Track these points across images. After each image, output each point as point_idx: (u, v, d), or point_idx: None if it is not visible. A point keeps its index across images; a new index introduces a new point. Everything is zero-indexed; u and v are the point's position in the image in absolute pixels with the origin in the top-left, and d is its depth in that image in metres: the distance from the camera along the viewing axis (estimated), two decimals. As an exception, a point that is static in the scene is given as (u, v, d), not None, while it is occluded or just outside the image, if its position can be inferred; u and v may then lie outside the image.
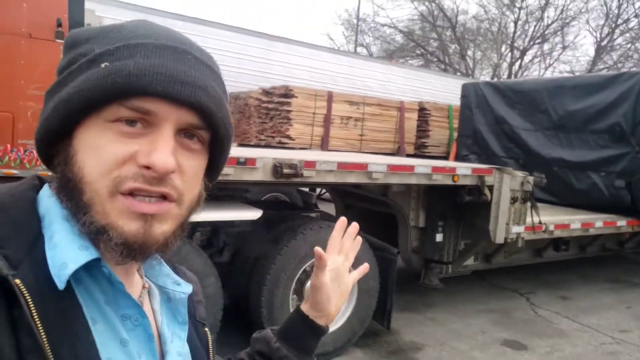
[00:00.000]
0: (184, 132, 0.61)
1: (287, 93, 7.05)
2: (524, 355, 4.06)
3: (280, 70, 9.73)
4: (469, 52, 23.44)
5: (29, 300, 0.52)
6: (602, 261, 7.22)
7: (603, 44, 20.79)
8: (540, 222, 4.78)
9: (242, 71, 9.58)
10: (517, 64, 21.87)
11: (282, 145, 7.05)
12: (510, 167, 6.81)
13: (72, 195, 0.58)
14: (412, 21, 23.57)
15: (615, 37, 20.83)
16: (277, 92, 7.23)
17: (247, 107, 7.86)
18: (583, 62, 22.39)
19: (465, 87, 7.58)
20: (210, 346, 0.79)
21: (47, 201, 0.61)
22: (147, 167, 0.57)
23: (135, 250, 0.59)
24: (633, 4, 19.15)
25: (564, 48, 21.83)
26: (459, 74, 21.27)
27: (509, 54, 22.14)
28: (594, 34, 20.89)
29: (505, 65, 22.47)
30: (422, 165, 3.93)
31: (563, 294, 5.82)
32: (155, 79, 0.56)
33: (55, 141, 0.62)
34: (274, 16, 38.05)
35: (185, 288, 0.73)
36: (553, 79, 6.85)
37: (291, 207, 5.69)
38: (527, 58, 22.51)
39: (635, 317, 5.17)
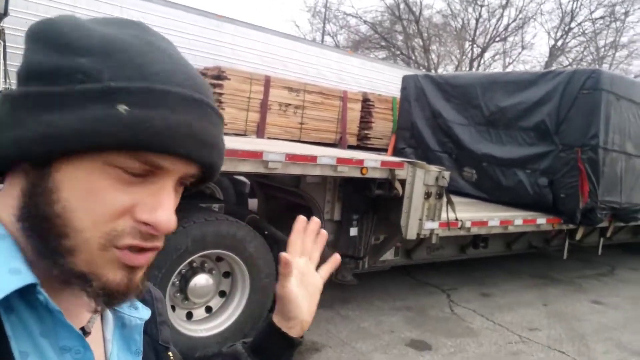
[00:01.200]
0: (180, 181, 0.57)
1: (219, 75, 6.80)
2: (425, 357, 3.97)
3: (228, 53, 9.40)
4: (433, 47, 23.52)
5: None
6: (530, 257, 7.27)
7: (558, 45, 21.13)
8: (456, 219, 4.71)
9: (188, 52, 9.24)
10: (478, 61, 22.03)
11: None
12: (444, 161, 6.80)
13: (47, 234, 0.50)
14: (378, 12, 23.47)
15: (568, 39, 21.22)
16: (209, 74, 6.96)
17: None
18: (541, 62, 22.76)
19: (405, 79, 7.47)
20: None
21: None
22: (147, 224, 0.52)
23: (116, 298, 0.54)
24: (589, 7, 19.47)
25: (523, 48, 22.13)
26: (422, 68, 21.32)
27: (471, 51, 22.28)
28: (549, 35, 21.24)
29: (467, 61, 22.64)
30: (326, 155, 3.77)
31: (485, 290, 5.81)
32: (181, 139, 0.52)
33: (20, 161, 0.52)
34: (240, 2, 37.26)
35: (142, 313, 0.67)
36: (487, 74, 6.82)
37: (198, 196, 5.44)
38: (489, 55, 22.75)
39: (548, 315, 5.18)
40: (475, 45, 22.15)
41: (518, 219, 5.27)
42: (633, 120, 5.90)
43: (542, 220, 5.50)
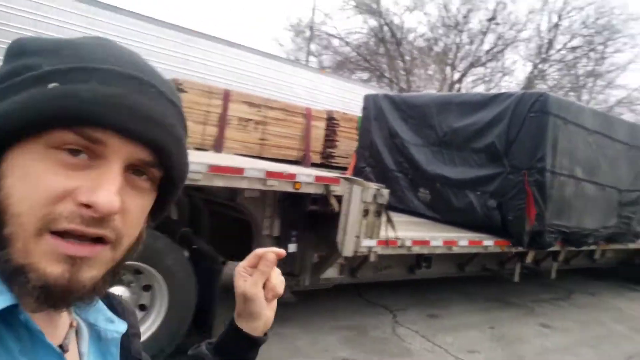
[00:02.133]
0: (133, 168, 0.55)
1: (176, 87, 6.75)
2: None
3: (199, 68, 9.44)
4: (416, 71, 23.78)
5: None
6: (488, 281, 7.24)
7: (534, 73, 21.49)
8: (396, 237, 4.67)
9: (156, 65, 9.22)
10: (459, 85, 22.30)
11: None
12: (401, 181, 6.80)
13: None
14: (361, 34, 23.74)
15: (545, 67, 21.60)
16: (168, 88, 6.92)
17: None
18: (519, 88, 23.09)
19: (366, 99, 7.50)
20: None
21: None
22: (87, 206, 0.50)
23: (56, 297, 0.51)
24: (566, 36, 19.88)
25: (504, 74, 22.47)
26: (404, 91, 21.49)
27: (452, 75, 22.57)
28: (525, 62, 21.64)
29: (448, 86, 22.91)
30: (254, 169, 3.73)
31: (434, 312, 5.74)
32: (111, 110, 0.51)
33: None
34: (225, 20, 37.45)
35: (119, 326, 0.66)
36: (443, 94, 6.87)
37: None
38: (470, 79, 23.04)
39: (492, 338, 5.12)
40: (455, 70, 22.44)
41: (463, 240, 5.24)
42: (582, 145, 5.95)
43: (489, 242, 5.47)
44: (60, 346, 0.58)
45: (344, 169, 8.47)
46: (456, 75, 22.45)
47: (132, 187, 0.55)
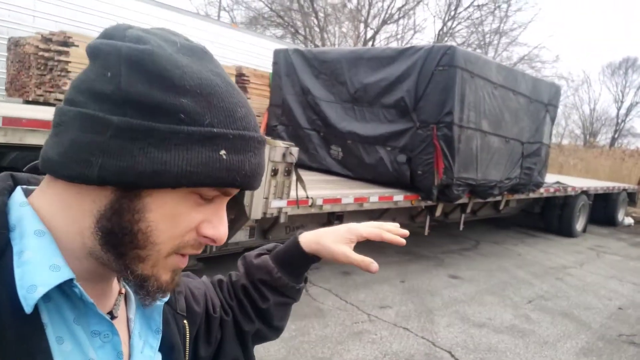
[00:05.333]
0: None
1: (65, 41, 6.07)
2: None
3: (85, 18, 8.54)
4: (330, 28, 23.48)
5: None
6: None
7: (444, 31, 22.00)
8: (307, 197, 4.52)
9: (37, 14, 8.28)
10: (372, 42, 22.33)
11: (60, 102, 6.08)
12: (313, 139, 6.63)
13: (121, 244, 0.57)
14: (274, -12, 22.89)
15: (454, 25, 22.16)
16: (55, 39, 6.20)
17: (27, 56, 6.71)
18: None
19: (276, 54, 7.18)
20: (187, 340, 0.79)
21: (20, 210, 0.57)
22: (208, 237, 0.60)
23: (160, 294, 0.62)
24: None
25: (415, 31, 22.77)
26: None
27: (365, 33, 22.53)
28: (434, 19, 22.06)
29: (361, 43, 22.89)
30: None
31: (347, 269, 5.74)
32: (253, 180, 0.61)
33: (116, 184, 0.55)
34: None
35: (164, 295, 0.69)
36: (353, 49, 6.69)
37: None
38: (383, 37, 23.14)
39: (403, 292, 5.21)
40: (369, 27, 22.41)
41: (374, 196, 5.21)
42: (488, 98, 6.06)
43: (399, 197, 5.50)
44: (110, 313, 0.64)
45: (256, 128, 8.17)
46: (370, 33, 22.44)
47: None
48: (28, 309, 0.51)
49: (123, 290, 0.69)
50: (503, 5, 22.48)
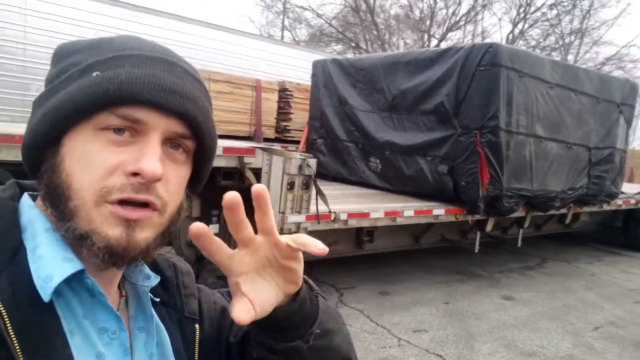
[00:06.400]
0: (169, 142, 0.61)
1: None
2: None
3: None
4: (393, 40, 23.09)
5: (3, 311, 0.52)
6: (453, 252, 6.84)
7: (514, 33, 20.91)
8: (329, 211, 4.21)
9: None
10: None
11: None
12: (352, 151, 6.32)
13: (58, 202, 0.58)
14: (335, 5, 23.00)
15: (525, 27, 21.00)
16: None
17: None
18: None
19: (314, 65, 6.98)
20: (196, 345, 0.74)
21: (30, 212, 0.61)
22: (135, 174, 0.57)
23: (117, 255, 0.58)
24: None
25: (483, 37, 21.82)
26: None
27: (428, 42, 21.94)
28: (500, 21, 21.02)
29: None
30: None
31: (386, 288, 5.33)
32: (146, 88, 0.58)
33: (42, 148, 0.60)
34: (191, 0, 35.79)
35: (153, 281, 0.69)
36: (390, 54, 6.34)
37: None
38: (447, 45, 22.42)
39: (444, 314, 4.72)
40: (433, 37, 21.78)
41: (409, 210, 4.79)
42: (542, 100, 5.47)
43: (440, 211, 5.03)
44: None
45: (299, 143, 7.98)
46: (434, 42, 21.81)
47: (170, 160, 0.61)
48: (46, 297, 0.54)
49: (124, 293, 0.69)
50: (584, 2, 20.90)
